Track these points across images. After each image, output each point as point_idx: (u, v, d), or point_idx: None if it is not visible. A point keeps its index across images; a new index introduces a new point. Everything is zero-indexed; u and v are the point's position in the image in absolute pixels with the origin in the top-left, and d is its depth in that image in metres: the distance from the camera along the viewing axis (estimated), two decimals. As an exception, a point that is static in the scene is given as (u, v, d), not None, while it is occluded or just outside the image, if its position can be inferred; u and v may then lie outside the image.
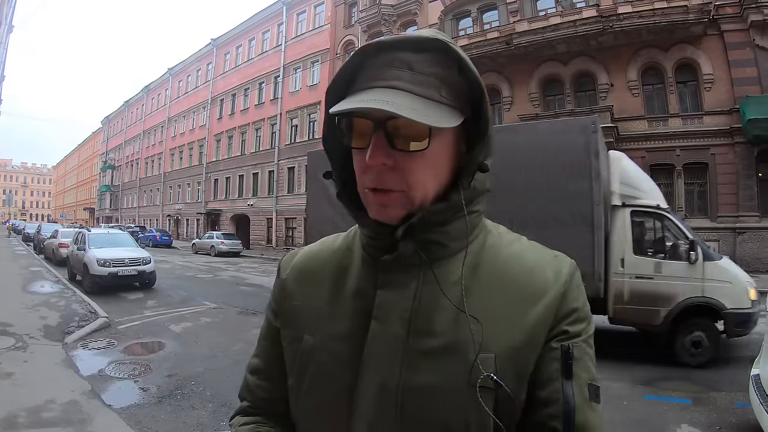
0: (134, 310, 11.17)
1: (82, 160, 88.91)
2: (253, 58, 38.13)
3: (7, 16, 26.16)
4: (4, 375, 6.03)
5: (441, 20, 24.60)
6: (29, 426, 4.56)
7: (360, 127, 0.72)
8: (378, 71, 0.72)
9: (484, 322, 0.73)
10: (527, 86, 21.69)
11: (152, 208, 54.27)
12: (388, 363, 0.75)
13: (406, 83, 0.71)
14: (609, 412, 4.73)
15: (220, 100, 41.85)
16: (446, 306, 0.75)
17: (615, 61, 19.51)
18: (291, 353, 0.87)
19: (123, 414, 4.99)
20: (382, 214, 0.75)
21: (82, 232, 16.40)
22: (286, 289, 0.92)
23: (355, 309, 0.80)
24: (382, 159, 0.70)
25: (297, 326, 0.87)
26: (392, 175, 0.72)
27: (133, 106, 61.10)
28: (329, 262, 0.89)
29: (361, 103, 0.68)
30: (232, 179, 39.28)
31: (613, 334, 7.98)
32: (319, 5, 32.52)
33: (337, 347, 0.80)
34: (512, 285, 0.77)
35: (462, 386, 0.72)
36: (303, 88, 32.78)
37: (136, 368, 6.72)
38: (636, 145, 18.59)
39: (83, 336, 8.33)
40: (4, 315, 9.22)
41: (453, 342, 0.74)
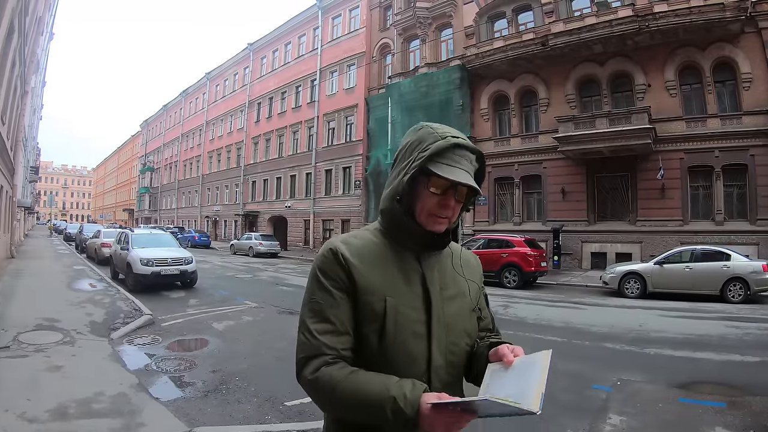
0: (177, 308, 11.48)
1: (122, 162, 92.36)
2: (290, 62, 39.44)
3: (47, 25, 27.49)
4: (53, 368, 6.26)
5: (476, 22, 25.12)
6: (80, 416, 4.75)
7: (441, 183, 1.34)
8: (459, 158, 1.36)
9: (470, 282, 1.52)
10: (563, 87, 21.99)
11: (191, 209, 56.44)
12: (439, 304, 1.40)
13: (469, 169, 1.38)
14: (644, 414, 5.08)
15: (257, 104, 43.37)
16: (450, 273, 1.47)
17: (652, 61, 19.60)
18: (374, 310, 1.33)
19: (170, 407, 5.20)
20: (437, 229, 1.39)
21: (125, 233, 16.86)
22: (357, 269, 1.35)
23: (414, 279, 1.40)
24: (452, 203, 1.36)
25: (376, 292, 1.34)
26: (450, 211, 1.37)
27: (172, 110, 63.85)
28: (378, 250, 1.41)
29: (465, 179, 1.33)
30: (269, 181, 40.69)
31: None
32: (354, 9, 33.37)
33: (413, 302, 1.37)
34: (470, 264, 1.59)
35: (468, 311, 1.48)
36: (340, 91, 33.74)
37: (181, 364, 6.96)
38: (674, 146, 18.87)
39: (128, 332, 8.64)
40: (52, 311, 9.55)
41: (460, 292, 1.47)
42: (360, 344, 1.34)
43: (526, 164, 23.22)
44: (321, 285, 1.35)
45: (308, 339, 1.31)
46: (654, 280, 14.01)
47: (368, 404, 1.22)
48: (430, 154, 1.32)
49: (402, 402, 1.17)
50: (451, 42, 26.88)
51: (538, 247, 17.73)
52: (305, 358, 1.31)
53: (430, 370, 1.34)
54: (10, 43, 11.68)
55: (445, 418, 1.15)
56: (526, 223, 22.92)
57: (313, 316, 1.33)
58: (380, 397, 1.20)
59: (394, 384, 1.22)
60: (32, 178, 42.48)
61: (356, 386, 1.24)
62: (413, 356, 1.34)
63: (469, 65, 24.47)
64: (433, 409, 1.14)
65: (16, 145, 21.07)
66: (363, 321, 1.33)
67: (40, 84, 36.91)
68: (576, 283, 17.23)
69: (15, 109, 18.30)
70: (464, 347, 1.44)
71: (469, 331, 1.46)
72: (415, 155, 1.36)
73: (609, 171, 20.50)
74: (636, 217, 19.69)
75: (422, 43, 27.92)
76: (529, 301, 13.38)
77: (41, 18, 20.68)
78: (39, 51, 24.03)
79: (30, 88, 22.65)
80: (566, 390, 5.69)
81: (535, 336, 8.74)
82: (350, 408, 1.26)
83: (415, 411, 1.17)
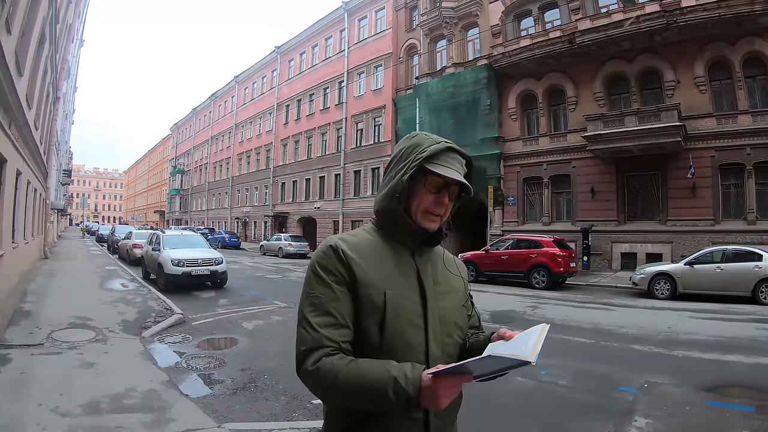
0: (207, 307, 11.77)
1: (152, 165, 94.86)
2: (317, 64, 40.23)
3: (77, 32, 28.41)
4: (86, 365, 6.48)
5: (502, 21, 25.37)
6: (112, 411, 4.94)
7: (437, 182, 1.47)
8: (452, 161, 1.50)
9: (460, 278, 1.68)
10: (592, 85, 22.07)
11: (221, 210, 58.04)
12: (433, 298, 1.51)
13: (460, 171, 1.52)
14: (670, 417, 5.10)
15: (285, 106, 44.35)
16: (441, 270, 1.61)
17: (680, 56, 19.47)
18: (374, 303, 1.41)
19: (200, 403, 5.38)
20: (431, 226, 1.52)
21: (156, 234, 17.32)
22: (357, 264, 1.43)
23: (409, 274, 1.50)
24: (446, 201, 1.50)
25: (375, 285, 1.42)
26: (443, 209, 1.51)
27: (201, 113, 65.66)
28: (375, 247, 1.51)
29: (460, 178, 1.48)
30: (299, 183, 41.57)
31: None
32: (380, 10, 33.85)
33: (411, 295, 1.47)
34: (455, 263, 1.72)
35: (459, 305, 1.61)
36: (367, 92, 34.35)
37: (210, 362, 7.19)
38: (704, 144, 18.82)
39: (160, 331, 8.91)
40: (85, 310, 9.87)
41: (451, 287, 1.60)
42: (360, 337, 1.41)
43: (554, 164, 23.38)
44: (321, 280, 1.42)
45: (309, 332, 1.37)
46: (684, 281, 13.97)
47: (370, 388, 1.27)
48: (428, 155, 1.46)
49: (403, 381, 1.24)
50: (478, 41, 27.14)
51: (567, 247, 17.90)
52: (307, 350, 1.36)
53: (428, 360, 1.42)
54: (41, 51, 12.12)
55: (444, 385, 1.23)
56: (555, 223, 23.06)
57: (314, 309, 1.39)
58: (381, 380, 1.26)
59: (395, 366, 1.29)
60: (65, 181, 43.77)
61: (358, 372, 1.30)
62: (412, 346, 1.42)
63: (496, 64, 24.68)
64: (433, 379, 1.23)
65: (49, 149, 21.89)
66: (363, 314, 1.41)
67: (71, 90, 38.41)
68: (605, 283, 17.33)
69: (47, 114, 19.09)
70: (457, 340, 1.56)
71: (460, 324, 1.59)
72: (413, 157, 1.48)
73: (639, 170, 20.51)
74: (666, 216, 19.67)
75: (449, 43, 28.23)
76: (558, 302, 13.53)
77: (71, 25, 21.46)
78: (70, 58, 24.83)
79: (62, 93, 23.43)
80: (592, 392, 5.84)
81: (563, 337, 8.84)
82: (353, 394, 1.31)
83: (417, 389, 1.23)
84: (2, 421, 4.55)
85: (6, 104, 8.17)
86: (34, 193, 17.11)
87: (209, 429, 4.67)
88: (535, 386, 6.07)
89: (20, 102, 9.20)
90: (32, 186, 15.70)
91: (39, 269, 17.01)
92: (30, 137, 12.61)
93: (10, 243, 10.43)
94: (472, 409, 4.77)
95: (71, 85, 37.19)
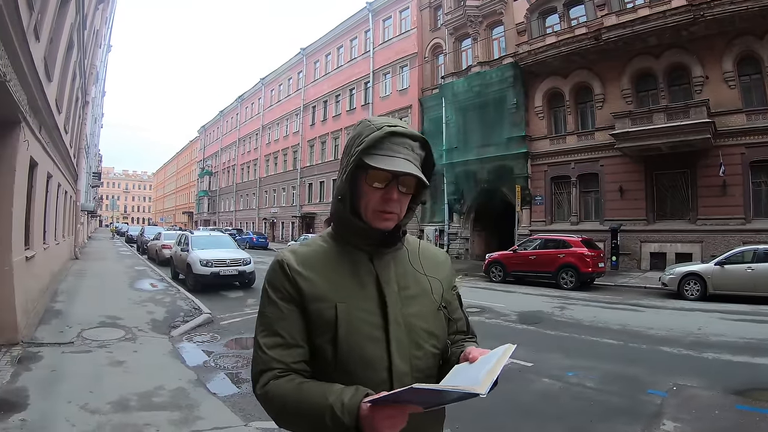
0: (235, 307, 12.03)
1: (181, 167, 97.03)
2: (343, 65, 41.18)
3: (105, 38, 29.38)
4: (115, 363, 6.65)
5: (527, 18, 25.64)
6: (141, 409, 5.06)
7: (381, 176, 1.32)
8: (397, 147, 1.33)
9: (432, 279, 1.48)
10: (619, 82, 22.15)
11: (248, 211, 59.64)
12: (396, 305, 1.37)
13: (411, 157, 1.34)
14: (699, 420, 5.06)
15: (312, 107, 45.53)
16: (410, 272, 1.45)
17: (708, 51, 19.32)
18: (325, 318, 1.32)
19: (227, 402, 5.51)
20: (385, 226, 1.37)
21: (185, 235, 17.67)
22: (303, 277, 1.35)
23: (367, 281, 1.38)
24: (395, 196, 1.34)
25: (326, 299, 1.33)
26: (395, 205, 1.35)
27: (228, 115, 67.64)
28: (328, 256, 1.41)
29: (403, 167, 1.30)
30: (326, 183, 42.60)
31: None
32: (405, 10, 34.47)
33: (367, 305, 1.35)
34: (435, 261, 1.56)
35: (432, 310, 1.45)
36: (393, 92, 35.02)
37: (238, 361, 7.32)
38: (734, 140, 18.74)
39: (188, 330, 9.11)
40: (114, 309, 10.14)
41: (422, 290, 1.45)
42: (316, 355, 1.34)
43: (582, 162, 23.52)
44: (269, 298, 1.37)
45: (259, 353, 1.33)
46: (714, 282, 13.82)
47: (310, 414, 1.21)
48: (365, 147, 1.31)
49: (339, 410, 1.16)
50: (503, 40, 27.44)
51: (595, 247, 18.04)
52: (257, 373, 1.33)
53: (391, 377, 1.32)
54: (70, 56, 12.47)
55: (382, 415, 1.12)
56: (583, 223, 23.20)
57: (263, 330, 1.35)
58: (319, 407, 1.19)
59: (335, 391, 1.21)
60: (95, 183, 45.15)
61: (300, 396, 1.24)
62: (370, 362, 1.32)
63: (522, 63, 24.94)
64: (371, 408, 1.13)
65: (79, 152, 22.73)
66: (315, 330, 1.33)
67: (99, 94, 40.12)
68: (634, 284, 17.35)
69: (77, 118, 19.68)
70: (430, 350, 1.41)
71: (434, 332, 1.42)
72: (352, 151, 1.35)
73: (668, 168, 20.53)
74: (696, 215, 19.65)
75: (474, 42, 28.60)
76: (586, 303, 13.59)
77: (98, 31, 22.49)
78: (98, 63, 25.98)
79: (90, 98, 24.54)
80: (620, 394, 5.87)
81: (591, 338, 8.98)
82: (296, 419, 1.27)
83: (353, 418, 1.15)
84: (33, 417, 4.71)
85: (36, 108, 8.46)
86: (65, 196, 17.69)
87: (236, 427, 4.80)
88: (562, 387, 6.18)
89: (50, 106, 9.55)
90: (63, 188, 16.32)
91: (69, 269, 17.53)
92: (60, 141, 13.07)
93: (41, 244, 10.89)
94: (497, 410, 5.27)
95: (100, 90, 38.77)
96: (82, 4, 12.35)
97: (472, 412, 4.87)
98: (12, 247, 7.21)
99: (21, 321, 7.53)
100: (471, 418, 4.81)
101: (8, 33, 5.25)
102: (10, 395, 5.19)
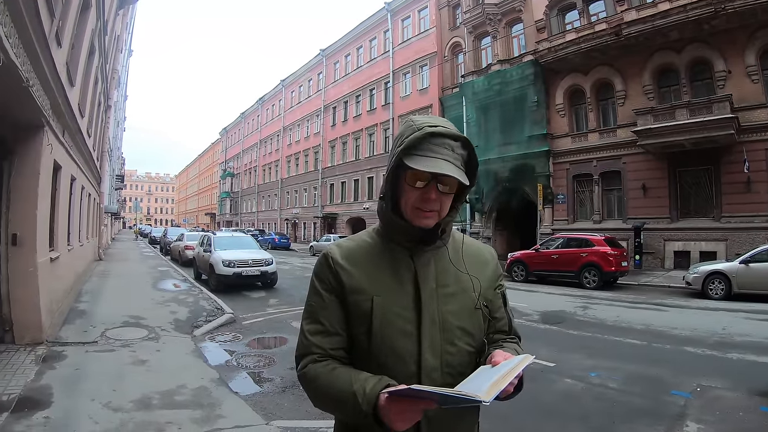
0: (257, 307, 12.16)
1: (203, 169, 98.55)
2: (362, 65, 41.79)
3: (125, 43, 30.11)
4: (138, 362, 6.77)
5: (546, 15, 25.75)
6: (162, 407, 5.14)
7: (421, 175, 1.35)
8: (437, 147, 1.35)
9: (473, 278, 1.50)
10: (640, 78, 22.11)
11: (270, 212, 60.79)
12: (432, 302, 1.42)
13: (451, 158, 1.36)
14: (723, 422, 5.03)
15: (332, 108, 46.18)
16: (451, 270, 1.48)
17: (730, 45, 19.13)
18: (362, 309, 1.40)
19: (249, 401, 5.59)
20: (425, 224, 1.41)
21: (207, 235, 17.93)
22: (346, 270, 1.44)
23: (405, 277, 1.43)
24: (434, 196, 1.37)
25: (364, 292, 1.41)
26: (434, 204, 1.38)
27: (249, 117, 69.08)
28: (371, 252, 1.48)
29: (441, 168, 1.31)
30: (347, 184, 43.20)
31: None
32: (423, 9, 34.85)
33: (403, 300, 1.41)
34: (479, 259, 1.57)
35: (469, 309, 1.47)
36: (413, 92, 35.42)
37: (260, 360, 7.45)
38: (759, 136, 18.60)
39: (210, 330, 9.24)
40: (138, 309, 10.30)
41: (461, 289, 1.47)
42: (353, 344, 1.43)
43: (604, 160, 23.53)
44: (315, 288, 1.48)
45: (302, 339, 1.45)
46: (739, 281, 13.62)
47: (337, 399, 1.31)
48: (405, 148, 1.35)
49: (360, 397, 1.24)
50: (523, 37, 27.60)
51: (618, 246, 18.12)
52: (299, 356, 1.45)
53: (420, 371, 1.37)
54: (91, 61, 12.68)
55: (396, 408, 1.18)
56: (606, 221, 23.26)
57: (308, 317, 1.47)
58: (345, 392, 1.28)
59: (360, 379, 1.29)
60: (118, 185, 46.39)
61: (330, 380, 1.34)
62: (401, 356, 1.37)
63: (542, 60, 25.09)
64: (387, 399, 1.19)
65: (102, 156, 23.17)
66: (353, 321, 1.42)
67: (122, 98, 41.50)
68: (658, 283, 17.27)
69: (99, 122, 19.93)
70: (464, 348, 1.44)
71: (469, 330, 1.46)
72: (393, 150, 1.40)
73: (691, 164, 20.44)
74: (720, 213, 19.54)
75: (493, 40, 28.85)
76: (609, 303, 13.60)
77: (119, 37, 23.26)
78: (119, 67, 26.83)
79: (112, 102, 25.33)
80: (643, 395, 5.86)
81: (614, 338, 9.00)
82: (326, 401, 1.39)
83: (371, 406, 1.22)
84: (56, 415, 4.81)
85: (59, 113, 8.57)
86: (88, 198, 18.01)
87: (258, 426, 4.86)
88: (584, 388, 6.21)
89: (73, 111, 9.68)
90: (86, 191, 16.70)
91: (94, 270, 17.89)
92: (83, 144, 13.29)
93: (65, 245, 11.13)
94: (518, 410, 5.42)
95: (122, 94, 39.97)
96: (102, 10, 12.68)
97: (494, 411, 4.94)
98: (37, 249, 7.38)
99: (45, 321, 7.70)
100: (492, 418, 4.82)
101: (30, 39, 5.39)
102: (35, 393, 5.36)
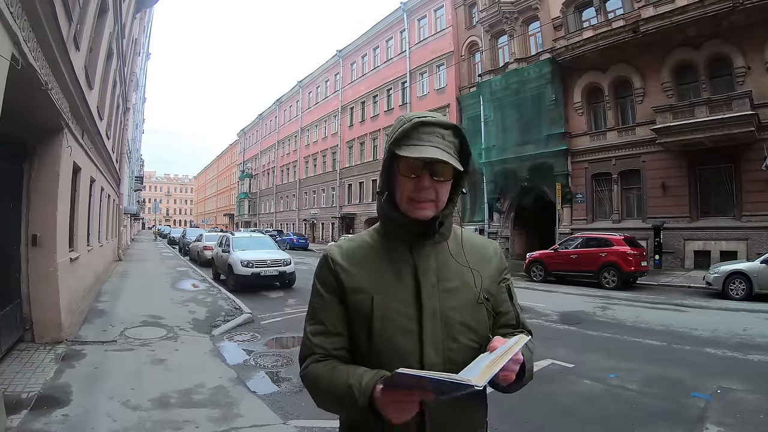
0: (276, 307, 12.28)
1: (221, 170, 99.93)
2: (379, 66, 42.26)
3: (143, 46, 30.75)
4: (157, 361, 6.87)
5: (563, 13, 25.84)
6: (181, 406, 5.21)
7: (412, 164, 1.35)
8: (427, 136, 1.36)
9: (475, 271, 1.48)
10: (659, 75, 22.11)
11: (288, 212, 61.64)
12: (433, 297, 1.41)
13: (442, 145, 1.36)
14: (743, 425, 4.98)
15: (350, 108, 46.85)
16: (452, 263, 1.47)
17: (750, 41, 19.02)
18: (363, 308, 1.41)
19: (267, 400, 5.63)
20: (422, 215, 1.39)
21: (226, 236, 18.16)
22: (345, 270, 1.45)
23: (405, 272, 1.43)
24: (427, 183, 1.36)
25: (364, 291, 1.42)
26: (429, 192, 1.37)
27: (267, 118, 70.22)
28: (371, 250, 1.49)
29: (431, 154, 1.32)
30: (365, 184, 43.80)
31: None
32: (439, 9, 35.10)
33: (403, 296, 1.41)
34: (481, 252, 1.56)
35: (472, 303, 1.45)
36: (431, 92, 35.64)
37: (278, 360, 7.50)
38: (779, 132, 18.54)
39: (229, 329, 9.34)
40: (157, 309, 10.49)
41: (462, 283, 1.45)
42: (354, 344, 1.44)
43: (623, 158, 23.54)
44: (316, 289, 1.51)
45: (304, 340, 1.48)
46: (760, 281, 13.53)
47: (337, 394, 1.31)
48: (396, 138, 1.37)
49: (357, 390, 1.25)
50: (540, 35, 27.66)
51: (638, 245, 18.17)
52: (302, 357, 1.47)
53: (422, 368, 1.33)
54: (110, 65, 12.95)
55: (390, 399, 1.18)
56: (625, 221, 23.26)
57: (310, 318, 1.49)
58: (342, 388, 1.29)
59: (357, 374, 1.29)
60: (137, 187, 47.45)
61: (330, 378, 1.35)
62: (402, 353, 1.37)
63: (559, 58, 25.16)
64: (382, 391, 1.19)
65: (121, 157, 23.76)
66: (354, 321, 1.42)
67: (140, 100, 42.89)
68: (678, 283, 17.27)
69: (118, 124, 20.41)
70: (467, 343, 1.42)
71: (472, 325, 1.44)
72: (386, 145, 1.43)
73: (711, 163, 20.40)
74: (741, 212, 19.47)
75: (510, 39, 28.99)
76: (629, 303, 13.62)
77: (137, 40, 24.09)
78: (137, 70, 27.72)
79: (131, 104, 26.20)
80: (663, 397, 5.83)
81: (634, 339, 9.02)
82: (327, 399, 1.39)
83: (367, 398, 1.22)
84: (75, 413, 4.90)
85: (78, 115, 8.71)
86: (108, 199, 18.40)
87: (275, 425, 4.93)
88: (603, 390, 6.21)
89: (91, 113, 9.88)
90: (106, 192, 17.10)
91: (113, 270, 18.29)
92: (102, 146, 13.60)
93: (85, 246, 11.44)
94: (536, 411, 5.55)
95: (140, 96, 41.17)
96: (119, 14, 12.96)
97: (510, 412, 5.05)
98: (56, 249, 7.54)
99: (65, 320, 7.87)
100: (508, 419, 4.95)
101: (48, 43, 5.55)
102: (54, 391, 5.49)
